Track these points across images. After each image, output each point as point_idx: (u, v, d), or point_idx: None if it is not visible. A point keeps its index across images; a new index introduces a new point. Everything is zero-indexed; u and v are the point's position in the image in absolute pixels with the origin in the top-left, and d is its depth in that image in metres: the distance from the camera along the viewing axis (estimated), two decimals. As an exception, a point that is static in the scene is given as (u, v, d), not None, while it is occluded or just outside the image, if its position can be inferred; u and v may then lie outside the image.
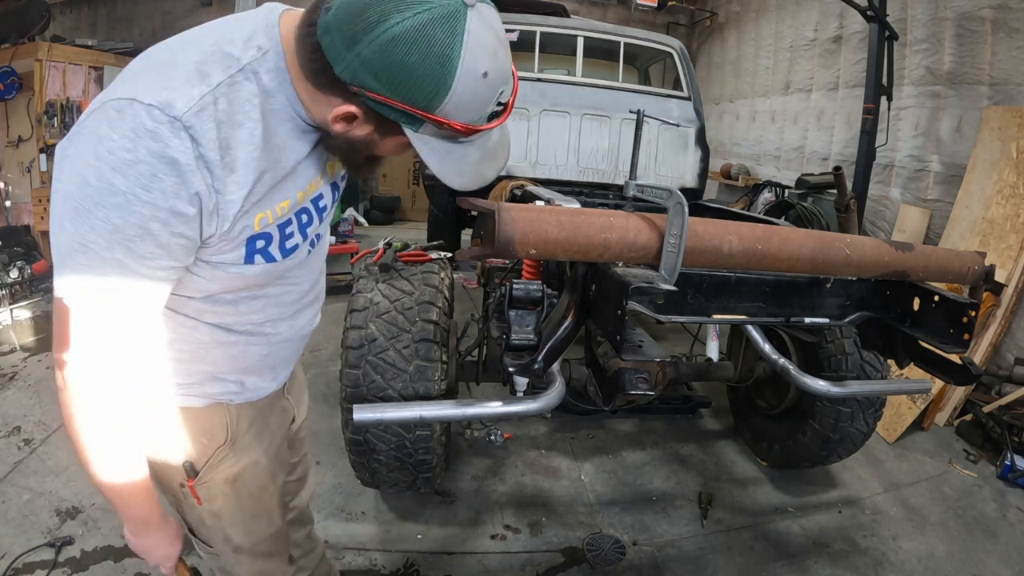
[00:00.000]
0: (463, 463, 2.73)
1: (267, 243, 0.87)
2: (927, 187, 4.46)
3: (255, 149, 0.78)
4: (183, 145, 0.70)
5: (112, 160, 0.69)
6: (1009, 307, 3.40)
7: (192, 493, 1.06)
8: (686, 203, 1.22)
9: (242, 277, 0.88)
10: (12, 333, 3.86)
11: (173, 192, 0.71)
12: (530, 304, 1.60)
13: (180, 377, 0.99)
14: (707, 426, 3.26)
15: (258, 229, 0.84)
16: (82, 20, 7.78)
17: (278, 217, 0.87)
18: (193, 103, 0.71)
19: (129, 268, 0.74)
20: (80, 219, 0.70)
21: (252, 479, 1.12)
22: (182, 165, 0.71)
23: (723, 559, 2.27)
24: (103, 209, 0.70)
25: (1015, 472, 2.86)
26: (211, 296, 0.90)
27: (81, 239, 0.71)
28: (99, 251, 0.71)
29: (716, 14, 8.21)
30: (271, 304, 0.99)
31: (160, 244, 0.74)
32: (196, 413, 1.02)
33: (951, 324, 1.58)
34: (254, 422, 1.11)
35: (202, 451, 1.04)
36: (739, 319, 1.78)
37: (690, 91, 3.83)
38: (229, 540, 1.16)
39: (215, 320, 0.94)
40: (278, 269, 0.92)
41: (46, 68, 5.36)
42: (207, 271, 0.85)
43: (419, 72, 0.70)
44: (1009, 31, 3.76)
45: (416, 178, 8.43)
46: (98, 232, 0.70)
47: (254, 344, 1.01)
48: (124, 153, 0.69)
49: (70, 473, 2.46)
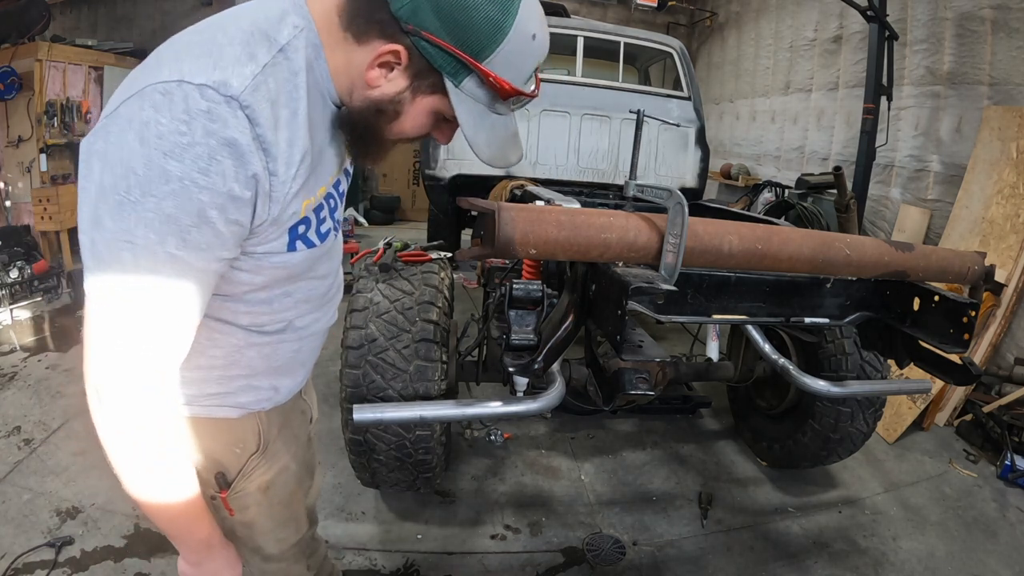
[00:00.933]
0: (463, 463, 2.73)
1: (307, 228, 0.85)
2: (927, 187, 4.46)
3: (300, 128, 0.75)
4: (241, 125, 0.67)
5: (163, 144, 0.64)
6: (1009, 307, 3.40)
7: (225, 505, 1.02)
8: (686, 203, 1.22)
9: (284, 267, 0.85)
10: (12, 333, 3.86)
11: (232, 175, 0.68)
12: (530, 304, 1.60)
13: (214, 387, 0.94)
14: (707, 426, 3.26)
15: (303, 215, 0.82)
16: (82, 20, 7.77)
17: (317, 201, 0.85)
18: (247, 82, 0.68)
19: (182, 262, 0.69)
20: (124, 213, 0.65)
21: (283, 485, 1.10)
22: (241, 146, 0.67)
23: (723, 559, 2.27)
24: (154, 199, 0.64)
25: (1015, 472, 2.86)
26: (248, 294, 0.87)
27: (126, 235, 0.65)
28: (149, 246, 0.66)
29: (716, 14, 8.21)
30: (302, 300, 0.96)
31: (216, 233, 0.70)
32: (229, 424, 0.98)
33: (951, 324, 1.58)
34: (283, 427, 1.09)
35: (235, 461, 1.01)
36: (739, 319, 1.78)
37: (690, 91, 3.83)
38: (260, 550, 1.13)
39: (249, 321, 0.91)
40: (314, 256, 0.89)
41: (46, 68, 5.36)
42: (250, 263, 0.81)
43: (480, 14, 0.70)
44: (1009, 31, 3.76)
45: (416, 178, 8.43)
46: (148, 224, 0.65)
47: (286, 341, 0.98)
48: (177, 136, 0.64)
49: (70, 473, 2.47)
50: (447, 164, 3.58)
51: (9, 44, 5.25)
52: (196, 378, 0.92)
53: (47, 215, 5.14)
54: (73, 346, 3.81)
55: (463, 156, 3.59)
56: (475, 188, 3.40)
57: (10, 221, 5.38)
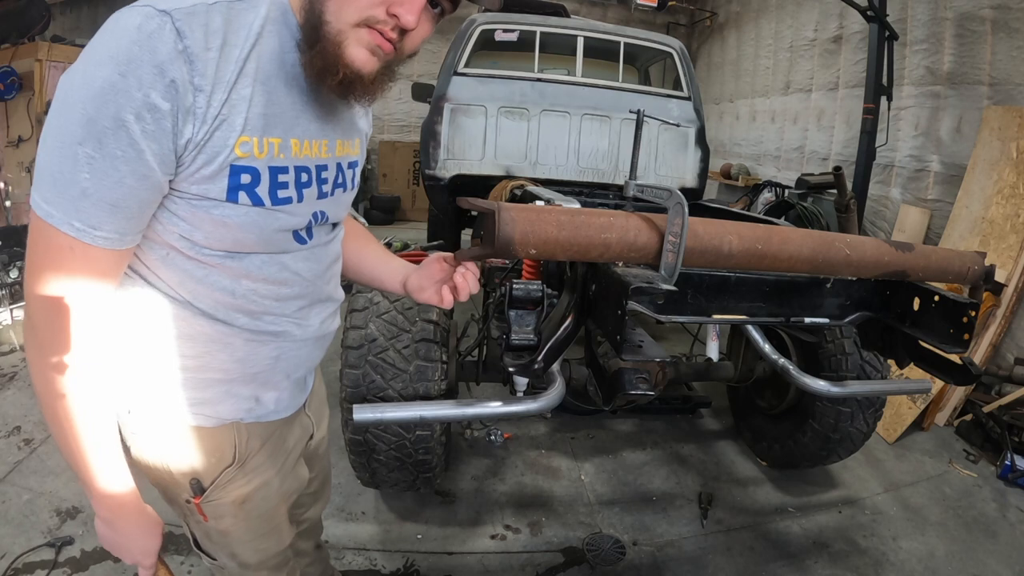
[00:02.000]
0: (463, 463, 2.73)
1: (254, 181, 0.81)
2: (927, 187, 4.46)
3: (238, 59, 0.76)
4: (167, 36, 0.70)
5: (96, 56, 0.70)
6: (1009, 307, 3.40)
7: (198, 510, 1.01)
8: (686, 203, 1.22)
9: (226, 225, 0.81)
10: (12, 333, 3.86)
11: (148, 80, 0.69)
12: (530, 304, 1.60)
13: (191, 390, 0.93)
14: (707, 426, 3.26)
15: (240, 154, 0.78)
16: (82, 20, 7.77)
17: (267, 154, 0.82)
18: (185, 5, 0.72)
19: (98, 167, 0.70)
20: (59, 118, 0.70)
21: (263, 500, 1.07)
22: (160, 53, 0.69)
23: (723, 559, 2.27)
24: (80, 103, 0.69)
25: (1015, 472, 2.86)
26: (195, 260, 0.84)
27: (57, 138, 0.70)
28: (72, 147, 0.69)
29: (716, 14, 8.21)
30: (269, 295, 0.93)
31: (132, 142, 0.70)
32: (204, 432, 0.97)
33: (951, 324, 1.58)
34: (268, 442, 1.06)
35: (210, 469, 0.99)
36: (739, 319, 1.78)
37: (690, 91, 3.83)
38: (236, 556, 1.11)
39: (210, 304, 0.88)
40: (266, 223, 0.85)
41: (46, 68, 5.35)
42: (185, 209, 0.80)
43: None
44: (1009, 31, 3.76)
45: (416, 178, 8.43)
46: (73, 126, 0.69)
47: (261, 344, 0.96)
48: (107, 47, 0.69)
49: (70, 473, 2.45)
50: (447, 164, 3.58)
51: (9, 44, 5.24)
52: (173, 380, 0.92)
53: (47, 215, 5.14)
54: (73, 346, 3.81)
55: (463, 156, 3.59)
56: (475, 188, 3.40)
57: (10, 221, 5.38)
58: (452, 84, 3.52)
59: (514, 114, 3.59)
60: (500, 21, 3.68)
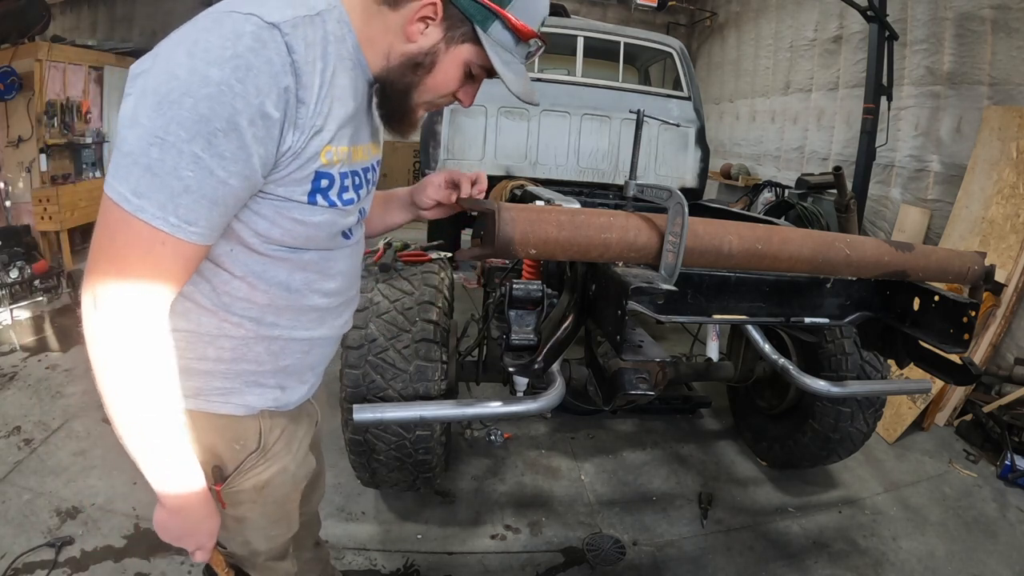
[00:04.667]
0: (463, 463, 2.73)
1: (330, 185, 0.88)
2: (927, 187, 4.46)
3: (328, 73, 0.82)
4: (279, 48, 0.73)
5: (207, 56, 0.70)
6: (1009, 307, 3.40)
7: (218, 497, 1.01)
8: (686, 203, 1.22)
9: (304, 224, 0.87)
10: (12, 333, 3.86)
11: (265, 89, 0.72)
12: (530, 304, 1.60)
13: (220, 381, 0.95)
14: (707, 426, 3.26)
15: (324, 162, 0.85)
16: (82, 20, 7.77)
17: (340, 161, 0.88)
18: (288, 19, 0.75)
19: (205, 165, 0.70)
20: (161, 111, 0.69)
21: (279, 486, 1.10)
22: (276, 64, 0.73)
23: (723, 559, 2.27)
24: (191, 99, 0.68)
25: (1015, 472, 2.86)
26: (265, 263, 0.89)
27: (159, 131, 0.69)
28: (177, 143, 0.69)
29: (716, 14, 8.21)
30: (318, 290, 0.98)
31: (242, 145, 0.72)
32: (231, 421, 0.99)
33: (951, 324, 1.58)
34: (285, 430, 1.09)
35: (233, 457, 1.02)
36: (739, 319, 1.78)
37: (690, 91, 3.83)
38: (248, 544, 1.15)
39: (267, 300, 0.92)
40: (335, 221, 0.92)
41: (46, 68, 5.36)
42: (268, 209, 0.83)
43: None
44: (1009, 31, 3.76)
45: (416, 178, 8.43)
46: (180, 123, 0.68)
47: (296, 340, 1.00)
48: (221, 50, 0.70)
49: (70, 473, 2.47)
50: (447, 164, 3.58)
51: (9, 44, 5.24)
52: (203, 370, 0.93)
53: (47, 215, 5.14)
54: (73, 346, 3.81)
55: (463, 156, 3.59)
56: (475, 188, 3.39)
57: (10, 221, 5.38)
58: None
59: (514, 114, 3.59)
60: None
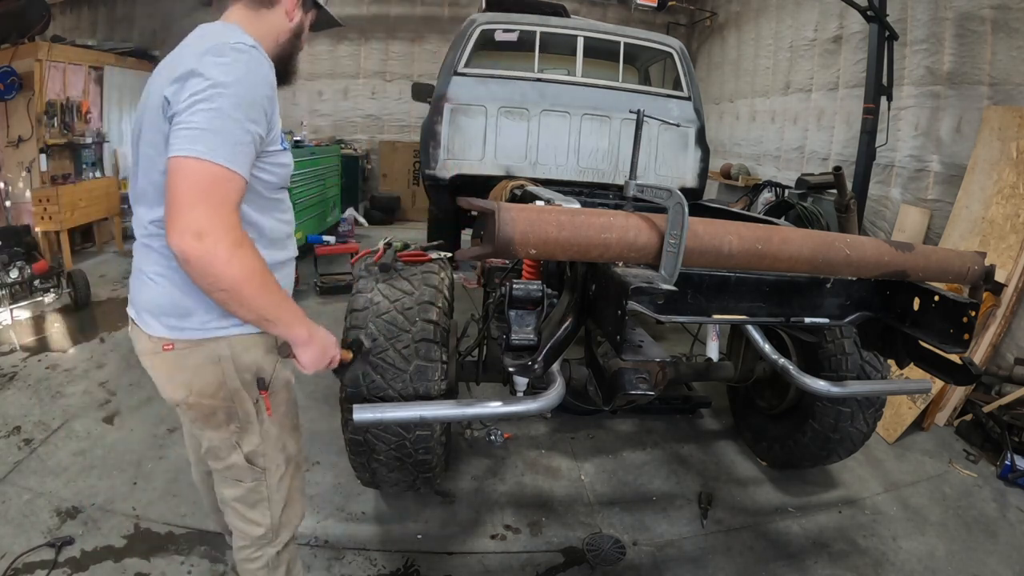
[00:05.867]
0: (463, 463, 2.73)
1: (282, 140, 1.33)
2: (927, 187, 4.46)
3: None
4: (268, 63, 1.23)
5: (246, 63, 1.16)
6: (1009, 307, 3.40)
7: (266, 403, 1.35)
8: (686, 203, 1.22)
9: (282, 166, 1.31)
10: (12, 333, 3.86)
11: (270, 84, 1.21)
12: (530, 304, 1.60)
13: None
14: (707, 426, 3.26)
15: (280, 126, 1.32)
16: (82, 20, 7.77)
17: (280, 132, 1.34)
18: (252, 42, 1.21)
19: (242, 125, 1.11)
20: (222, 99, 1.09)
21: (292, 389, 1.46)
22: (269, 73, 1.22)
23: (723, 559, 2.27)
24: (242, 87, 1.13)
25: (1015, 472, 2.86)
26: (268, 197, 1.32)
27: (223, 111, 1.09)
28: (229, 111, 1.09)
29: (716, 14, 8.21)
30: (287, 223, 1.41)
31: (262, 112, 1.17)
32: (262, 335, 1.32)
33: (951, 324, 1.58)
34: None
35: (268, 363, 1.35)
36: (739, 319, 1.78)
37: (690, 91, 3.83)
38: (285, 448, 1.45)
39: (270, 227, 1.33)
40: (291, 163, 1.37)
41: (46, 68, 5.36)
42: (267, 163, 1.26)
43: None
44: (1009, 31, 3.76)
45: (416, 178, 8.43)
46: (231, 101, 1.10)
47: (284, 263, 1.40)
48: (248, 61, 1.17)
49: (70, 473, 2.47)
50: (447, 164, 3.58)
51: (9, 44, 5.25)
52: None
53: (47, 215, 5.14)
54: (73, 346, 3.81)
55: (463, 156, 3.59)
56: (475, 188, 3.40)
57: (10, 221, 5.38)
58: (452, 84, 3.52)
59: (514, 114, 3.59)
60: (500, 21, 3.68)
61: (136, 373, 3.44)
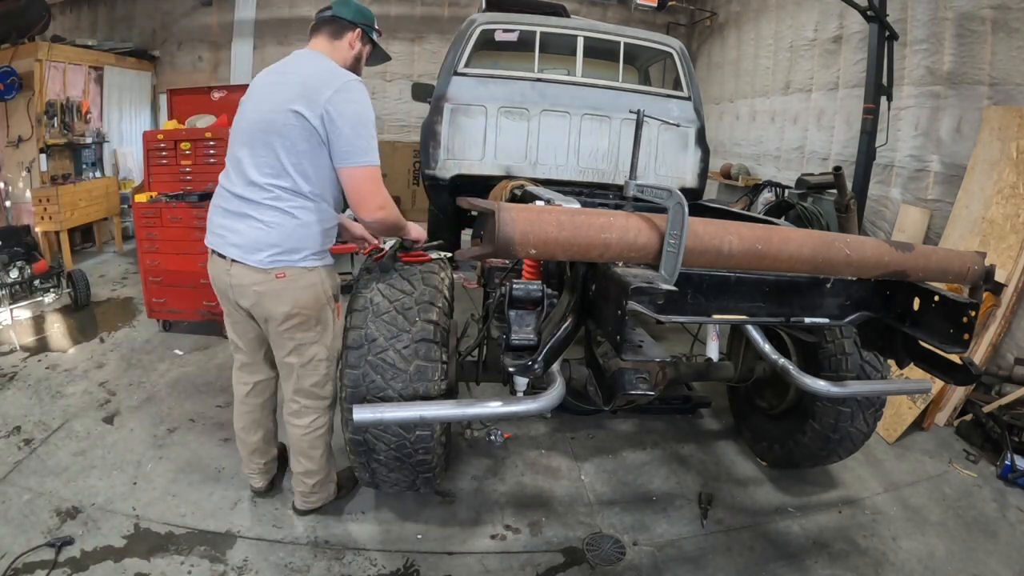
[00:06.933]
0: (463, 463, 2.73)
1: None
2: (927, 187, 4.45)
3: None
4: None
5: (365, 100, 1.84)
6: (1009, 307, 3.40)
7: (337, 309, 2.06)
8: (686, 203, 1.22)
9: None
10: (12, 333, 3.86)
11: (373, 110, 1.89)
12: (530, 304, 1.60)
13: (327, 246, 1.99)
14: (707, 426, 3.26)
15: None
16: (82, 20, 7.76)
17: None
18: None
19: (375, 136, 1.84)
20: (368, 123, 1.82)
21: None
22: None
23: (723, 559, 2.27)
24: (371, 115, 1.83)
25: (1015, 472, 2.86)
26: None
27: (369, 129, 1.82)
28: (372, 129, 1.83)
29: (716, 14, 8.21)
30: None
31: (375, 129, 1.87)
32: (333, 266, 2.02)
33: (951, 324, 1.58)
34: None
35: (335, 284, 2.04)
36: (739, 319, 1.78)
37: (690, 91, 3.83)
38: (335, 348, 2.05)
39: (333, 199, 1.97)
40: None
41: (46, 68, 5.37)
42: None
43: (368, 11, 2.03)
44: (1009, 31, 3.76)
45: (416, 178, 8.43)
46: (370, 122, 1.82)
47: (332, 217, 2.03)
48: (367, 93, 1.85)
49: (70, 473, 2.47)
50: (447, 164, 3.58)
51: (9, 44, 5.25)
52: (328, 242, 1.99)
53: (47, 215, 5.14)
54: (73, 346, 3.81)
55: (463, 156, 3.59)
56: (475, 188, 3.40)
57: (10, 221, 5.39)
58: (452, 84, 3.52)
59: (514, 114, 3.59)
60: (500, 21, 3.68)
61: (136, 373, 3.44)
